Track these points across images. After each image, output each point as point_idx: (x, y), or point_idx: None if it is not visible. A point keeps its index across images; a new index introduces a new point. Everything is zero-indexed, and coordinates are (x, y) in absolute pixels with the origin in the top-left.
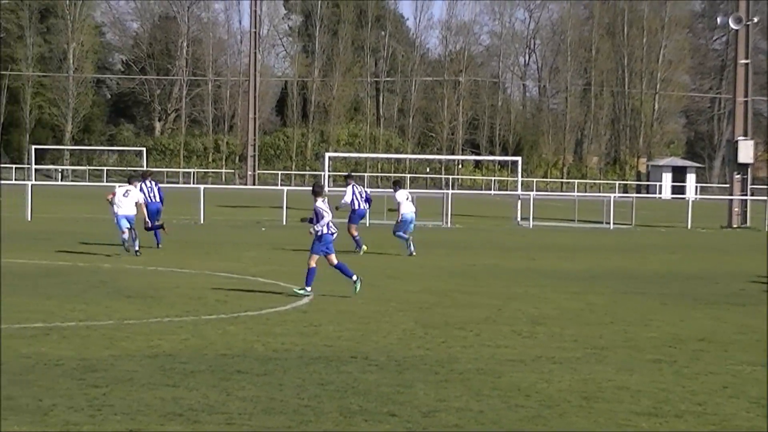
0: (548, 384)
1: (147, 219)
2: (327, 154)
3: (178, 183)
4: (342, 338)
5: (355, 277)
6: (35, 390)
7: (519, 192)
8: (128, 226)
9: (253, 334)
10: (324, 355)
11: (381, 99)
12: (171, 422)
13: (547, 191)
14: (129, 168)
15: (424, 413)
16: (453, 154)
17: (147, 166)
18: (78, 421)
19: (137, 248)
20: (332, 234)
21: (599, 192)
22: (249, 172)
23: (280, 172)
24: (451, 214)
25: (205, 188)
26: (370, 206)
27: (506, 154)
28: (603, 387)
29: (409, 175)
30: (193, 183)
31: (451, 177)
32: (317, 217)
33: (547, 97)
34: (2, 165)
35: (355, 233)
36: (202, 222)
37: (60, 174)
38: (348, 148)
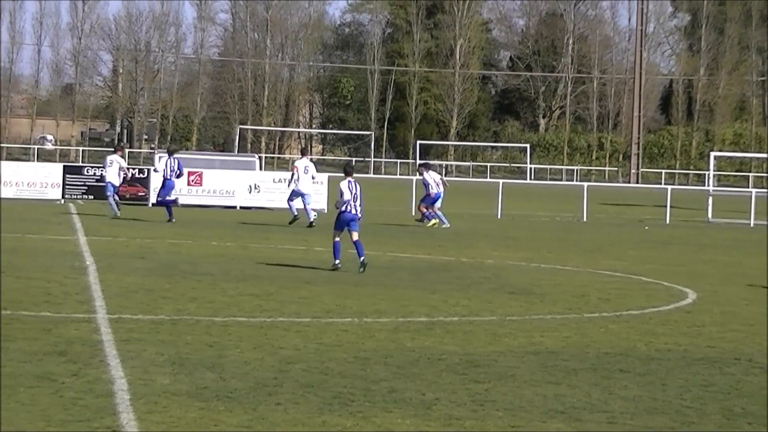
0: None
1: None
2: (712, 154)
3: (560, 180)
4: (725, 339)
5: (362, 259)
6: (419, 384)
7: None
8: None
9: (635, 333)
10: (707, 356)
11: (767, 99)
12: (552, 420)
13: None
14: (513, 164)
15: None
16: None
17: (530, 163)
18: (460, 416)
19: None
20: (353, 213)
21: None
22: (632, 170)
23: (663, 171)
24: None
25: (588, 186)
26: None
27: None
28: None
29: None
30: (576, 180)
31: None
32: (340, 195)
33: None
34: (387, 159)
35: (424, 210)
36: (584, 220)
37: (444, 169)
38: (733, 147)
